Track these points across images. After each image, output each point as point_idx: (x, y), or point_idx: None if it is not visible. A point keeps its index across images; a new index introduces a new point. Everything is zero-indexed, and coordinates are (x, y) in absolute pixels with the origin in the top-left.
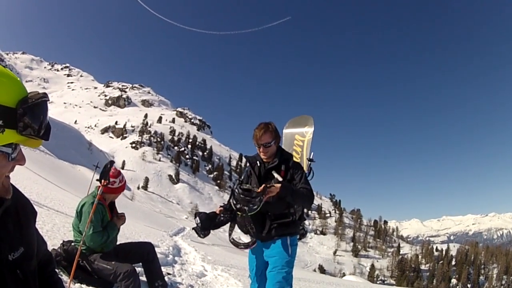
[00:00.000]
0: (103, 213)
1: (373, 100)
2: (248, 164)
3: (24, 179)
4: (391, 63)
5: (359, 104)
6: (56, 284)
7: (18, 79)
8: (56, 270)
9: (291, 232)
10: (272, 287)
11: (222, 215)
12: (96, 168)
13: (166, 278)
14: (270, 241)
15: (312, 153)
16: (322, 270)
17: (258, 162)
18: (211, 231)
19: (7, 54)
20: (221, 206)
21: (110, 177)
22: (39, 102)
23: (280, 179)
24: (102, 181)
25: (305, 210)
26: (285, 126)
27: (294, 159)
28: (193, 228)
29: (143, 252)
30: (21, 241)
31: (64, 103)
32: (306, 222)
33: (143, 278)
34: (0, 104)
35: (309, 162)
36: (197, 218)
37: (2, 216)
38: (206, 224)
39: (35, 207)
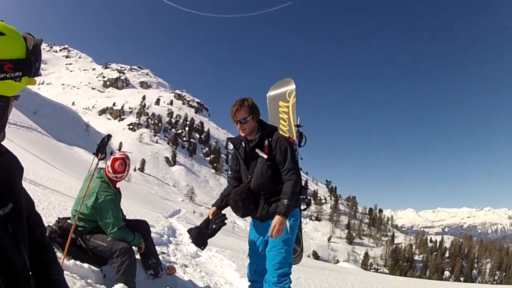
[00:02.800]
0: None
1: (370, 87)
2: (232, 147)
3: (21, 159)
4: (388, 46)
5: (356, 91)
6: (46, 249)
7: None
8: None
9: None
10: (272, 268)
11: (215, 221)
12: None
13: (160, 257)
14: (268, 220)
15: (298, 118)
16: (316, 256)
17: (243, 142)
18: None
19: None
20: (213, 205)
21: (119, 172)
22: (40, 45)
23: (265, 156)
24: (99, 154)
25: (303, 181)
26: (267, 94)
27: (282, 127)
28: (191, 242)
29: (139, 230)
30: (9, 197)
31: (62, 84)
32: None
33: (137, 256)
34: (18, 58)
35: (297, 128)
36: (189, 236)
37: None
38: (199, 240)
39: (31, 185)
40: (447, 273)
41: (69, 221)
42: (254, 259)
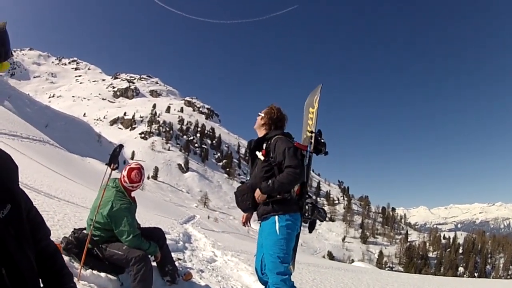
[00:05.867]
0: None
1: (382, 87)
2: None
3: (34, 172)
4: (401, 49)
5: (368, 91)
6: (54, 257)
7: None
8: (68, 257)
9: (278, 210)
10: (269, 272)
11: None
12: (116, 164)
13: (176, 263)
14: (261, 220)
15: (315, 127)
16: (331, 256)
17: (252, 143)
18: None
19: (15, 51)
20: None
21: (135, 182)
22: (3, 28)
23: (262, 158)
24: (112, 165)
25: (308, 187)
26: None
27: (306, 132)
28: None
29: (154, 237)
30: (6, 198)
31: (73, 96)
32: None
33: (154, 263)
34: None
35: (311, 135)
36: None
37: None
38: None
39: (46, 198)
40: (461, 269)
41: (84, 231)
42: (258, 260)
